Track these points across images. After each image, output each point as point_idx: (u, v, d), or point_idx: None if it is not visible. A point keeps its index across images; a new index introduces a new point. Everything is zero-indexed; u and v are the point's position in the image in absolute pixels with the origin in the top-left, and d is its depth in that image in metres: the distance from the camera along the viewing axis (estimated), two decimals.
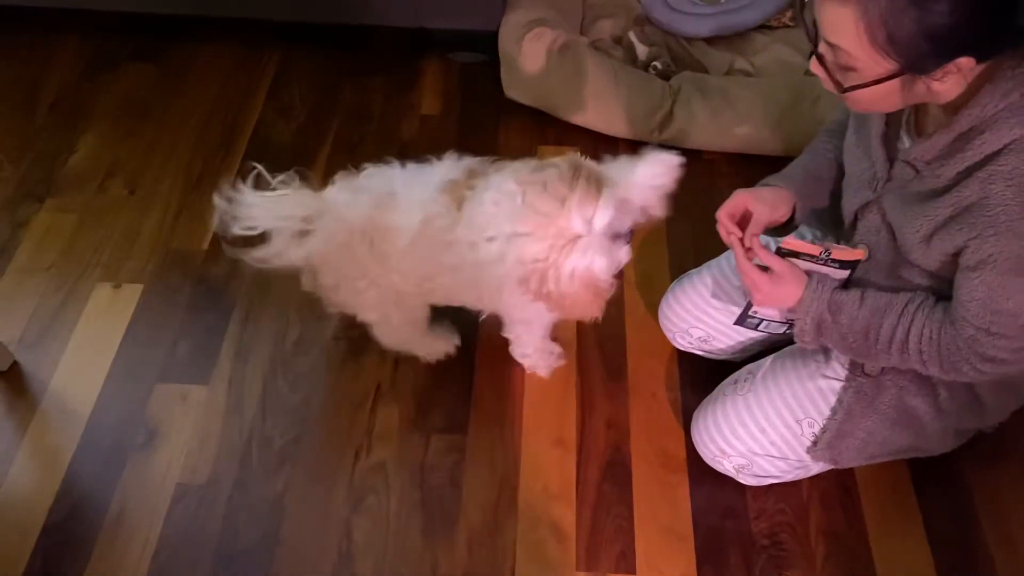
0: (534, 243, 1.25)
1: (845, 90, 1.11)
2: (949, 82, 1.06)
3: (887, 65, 1.05)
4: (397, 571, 1.50)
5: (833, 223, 1.47)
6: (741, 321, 1.50)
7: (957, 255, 1.17)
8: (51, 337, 1.80)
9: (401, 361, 1.77)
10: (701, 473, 1.59)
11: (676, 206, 1.94)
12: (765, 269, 1.34)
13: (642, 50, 2.28)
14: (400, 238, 1.42)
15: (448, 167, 1.44)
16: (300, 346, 1.80)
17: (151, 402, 1.70)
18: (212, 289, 1.89)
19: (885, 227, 1.29)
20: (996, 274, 1.12)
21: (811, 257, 1.34)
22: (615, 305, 1.86)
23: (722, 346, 1.67)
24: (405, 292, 1.53)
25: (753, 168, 1.78)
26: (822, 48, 1.09)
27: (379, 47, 2.40)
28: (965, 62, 1.02)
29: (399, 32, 2.38)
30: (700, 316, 1.65)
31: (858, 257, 1.32)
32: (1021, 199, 1.06)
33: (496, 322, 1.82)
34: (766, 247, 1.35)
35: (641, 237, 1.98)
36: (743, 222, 1.40)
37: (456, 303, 1.60)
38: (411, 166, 1.47)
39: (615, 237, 1.28)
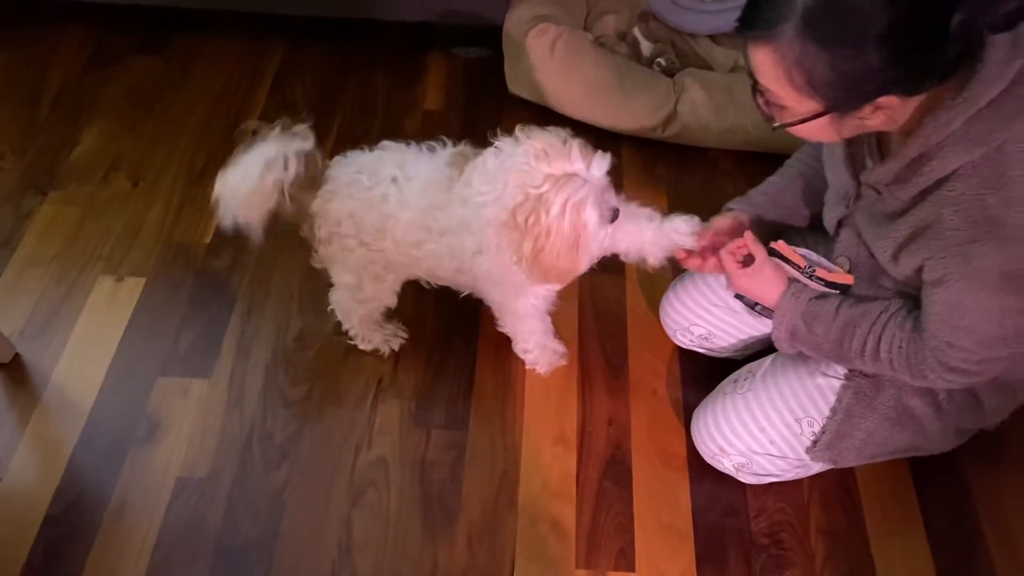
0: (531, 175, 1.28)
1: (776, 127, 1.14)
2: (881, 117, 1.09)
3: (812, 105, 1.07)
4: (397, 566, 1.50)
5: (824, 232, 1.47)
6: (740, 296, 1.51)
7: (921, 271, 1.19)
8: (53, 329, 1.80)
9: (402, 357, 1.77)
10: (701, 471, 1.59)
11: (679, 203, 1.95)
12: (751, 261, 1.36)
13: (647, 46, 2.28)
14: (404, 211, 1.46)
15: (458, 148, 1.50)
16: (301, 340, 1.80)
17: (152, 395, 1.70)
18: (214, 283, 1.89)
19: (862, 241, 1.30)
20: (951, 293, 1.15)
21: (797, 267, 1.36)
22: (616, 303, 1.86)
23: (723, 344, 1.67)
24: (391, 262, 1.55)
25: (756, 165, 1.77)
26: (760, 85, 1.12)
27: (383, 42, 2.40)
28: (889, 100, 1.05)
29: (403, 27, 2.38)
30: (701, 314, 1.64)
31: (845, 282, 1.34)
32: (968, 224, 1.08)
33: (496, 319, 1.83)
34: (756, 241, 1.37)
35: None
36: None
37: (437, 278, 1.60)
38: (424, 146, 1.51)
39: (604, 206, 1.32)
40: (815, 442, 1.44)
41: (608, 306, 1.86)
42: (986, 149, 1.06)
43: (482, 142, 2.00)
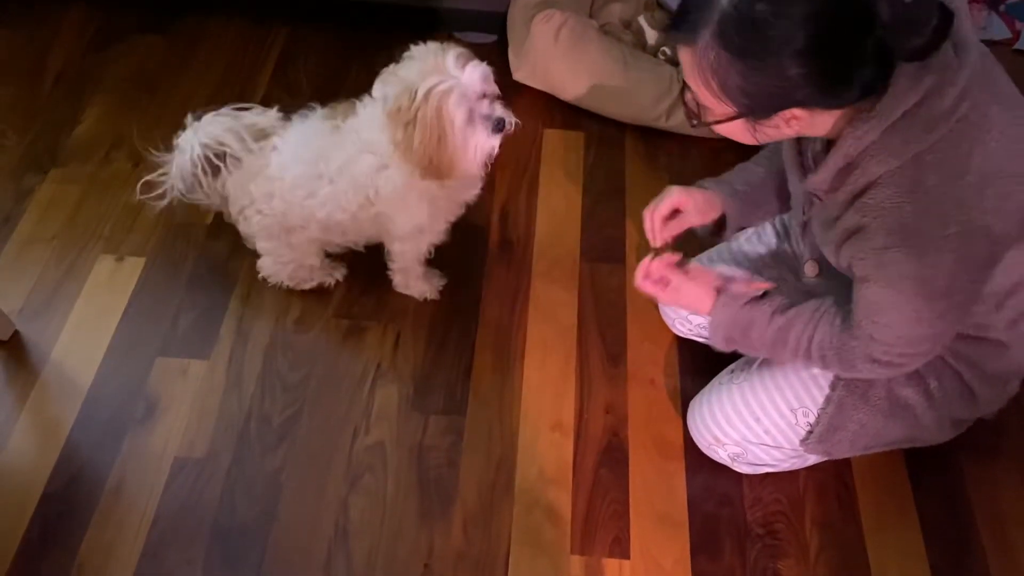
0: (409, 73, 1.44)
1: (695, 125, 1.18)
2: (795, 127, 1.12)
3: (727, 109, 1.11)
4: (392, 550, 1.51)
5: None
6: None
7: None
8: (53, 308, 1.80)
9: (401, 341, 1.77)
10: (698, 460, 1.60)
11: None
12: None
13: (652, 35, 2.27)
14: (286, 171, 1.61)
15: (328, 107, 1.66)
16: (301, 324, 1.80)
17: (151, 376, 1.71)
18: (214, 264, 1.89)
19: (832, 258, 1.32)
20: (871, 292, 1.20)
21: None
22: (616, 292, 1.86)
23: None
24: (289, 223, 1.67)
25: None
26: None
27: (387, 25, 2.39)
28: (800, 112, 1.09)
29: (408, 10, 2.37)
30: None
31: (764, 287, 1.37)
32: (885, 231, 1.13)
33: (497, 307, 1.83)
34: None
35: (641, 223, 1.97)
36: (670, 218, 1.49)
37: (339, 228, 1.68)
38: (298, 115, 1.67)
39: (485, 114, 1.46)
40: (809, 432, 1.44)
41: (608, 295, 1.86)
42: (904, 159, 1.10)
43: None
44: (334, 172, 1.59)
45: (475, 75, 1.44)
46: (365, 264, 1.88)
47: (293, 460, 1.61)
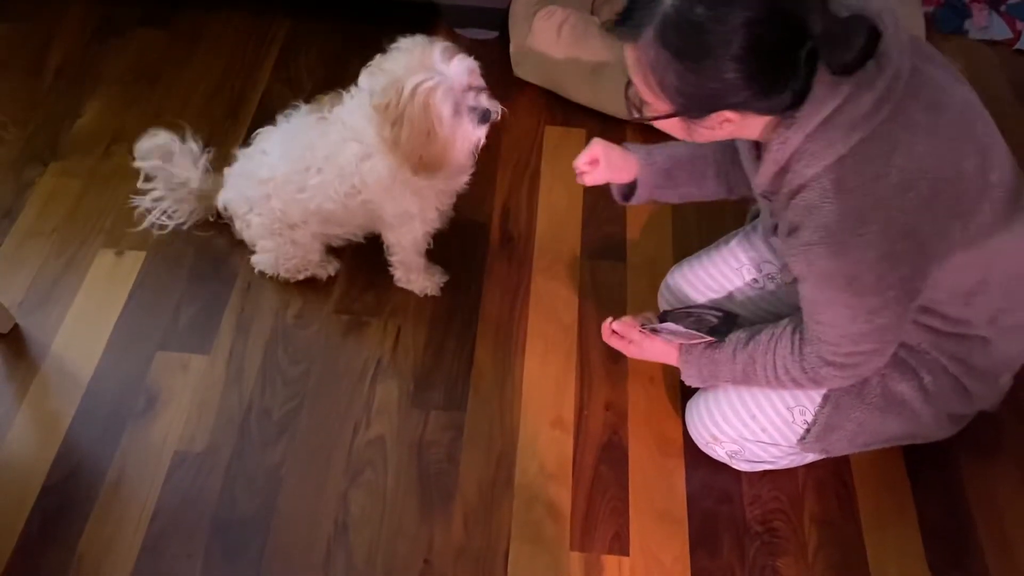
0: (395, 67, 1.46)
1: (633, 120, 1.22)
2: (728, 128, 1.16)
3: (664, 106, 1.15)
4: (392, 545, 1.51)
5: None
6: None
7: None
8: (53, 301, 1.80)
9: (401, 337, 1.77)
10: (697, 458, 1.60)
11: None
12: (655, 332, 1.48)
13: None
14: (276, 171, 1.66)
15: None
16: (301, 319, 1.80)
17: (151, 369, 1.71)
18: (214, 259, 1.89)
19: None
20: (805, 290, 1.26)
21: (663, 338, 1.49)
22: (617, 288, 1.86)
23: None
24: (288, 219, 1.70)
25: None
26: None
27: (389, 20, 2.38)
28: (732, 115, 1.13)
29: (409, 6, 2.37)
30: (698, 298, 1.65)
31: (708, 341, 1.43)
32: (811, 229, 1.17)
33: (498, 303, 1.83)
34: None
35: (645, 220, 1.98)
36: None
37: (332, 217, 1.70)
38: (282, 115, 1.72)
39: (471, 106, 1.48)
40: (807, 431, 1.45)
41: (608, 291, 1.86)
42: (827, 162, 1.13)
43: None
44: (321, 161, 1.61)
45: (461, 69, 1.46)
46: (366, 260, 1.89)
47: (293, 455, 1.61)
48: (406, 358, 1.75)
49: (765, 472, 1.59)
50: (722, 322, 1.46)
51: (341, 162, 1.59)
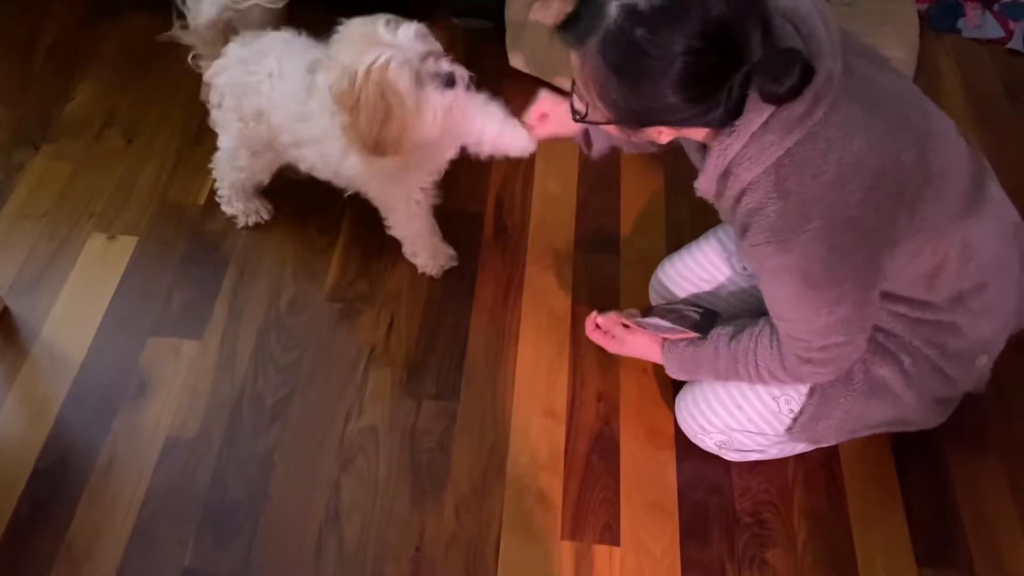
0: (344, 55, 1.41)
1: (576, 120, 1.24)
2: (667, 138, 1.21)
3: (605, 115, 1.18)
4: (383, 533, 1.51)
5: None
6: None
7: None
8: (43, 285, 1.79)
9: (394, 325, 1.77)
10: (688, 450, 1.61)
11: (677, 182, 1.95)
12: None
13: None
14: (275, 110, 1.61)
15: (314, 47, 1.60)
16: (294, 305, 1.79)
17: (143, 354, 1.70)
18: (208, 244, 1.88)
19: None
20: (764, 287, 1.30)
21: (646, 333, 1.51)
22: (610, 281, 1.87)
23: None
24: (269, 145, 1.68)
25: None
26: None
27: (383, 8, 2.37)
28: (667, 129, 1.18)
29: None
30: (689, 288, 1.66)
31: (691, 337, 1.45)
32: (756, 228, 1.20)
33: (491, 293, 1.84)
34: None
35: (638, 213, 1.99)
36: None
37: (321, 175, 1.70)
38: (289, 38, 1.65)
39: (432, 72, 1.42)
40: (794, 420, 1.46)
41: (602, 283, 1.86)
42: (767, 163, 1.16)
43: None
44: (307, 138, 1.61)
45: (410, 36, 1.40)
46: (359, 248, 1.88)
47: (285, 441, 1.61)
48: (399, 347, 1.75)
49: (755, 464, 1.60)
50: (704, 318, 1.47)
51: (323, 151, 1.60)
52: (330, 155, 1.59)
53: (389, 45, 1.38)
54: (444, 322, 1.79)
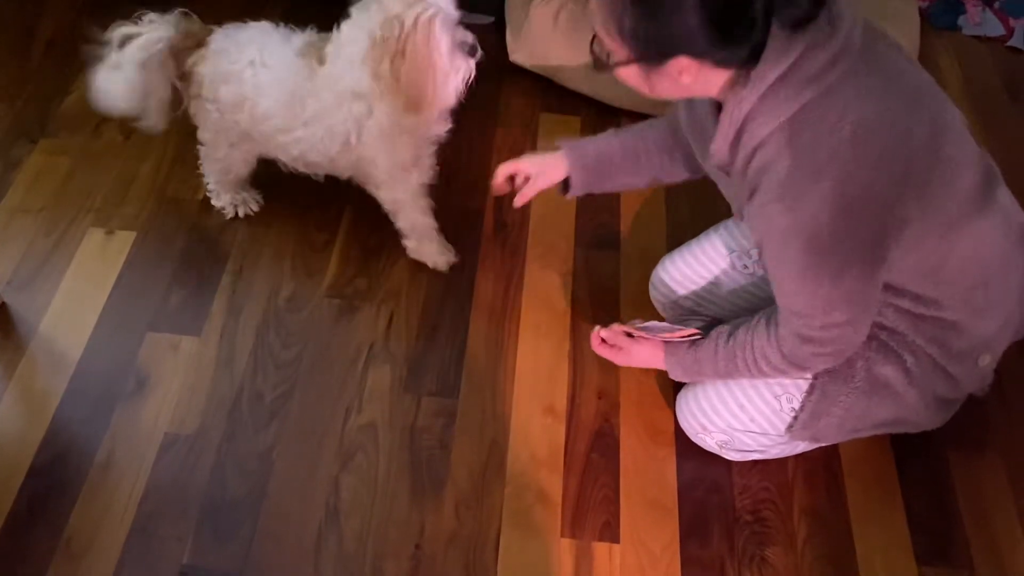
0: (387, 5, 1.43)
1: (594, 68, 1.23)
2: (687, 79, 1.17)
3: (624, 53, 1.17)
4: (383, 530, 1.51)
5: None
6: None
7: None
8: (41, 280, 1.78)
9: (394, 322, 1.77)
10: (688, 448, 1.60)
11: (675, 183, 1.93)
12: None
13: None
14: (260, 97, 1.61)
15: (306, 35, 1.63)
16: (293, 302, 1.79)
17: (142, 350, 1.69)
18: (206, 239, 1.87)
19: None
20: (767, 257, 1.27)
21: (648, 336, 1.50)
22: (611, 278, 1.86)
23: (712, 313, 1.68)
24: (247, 135, 1.69)
25: None
26: None
27: None
28: (689, 63, 1.14)
29: None
30: (689, 285, 1.66)
31: (691, 334, 1.45)
32: (767, 187, 1.19)
33: (491, 290, 1.83)
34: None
35: (638, 210, 1.98)
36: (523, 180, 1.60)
37: (309, 164, 1.71)
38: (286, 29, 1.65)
39: (461, 39, 1.48)
40: (795, 418, 1.46)
41: (602, 281, 1.86)
42: (782, 119, 1.15)
43: (482, 110, 1.99)
44: (309, 117, 1.60)
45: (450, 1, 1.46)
46: (358, 244, 1.88)
47: (285, 438, 1.60)
48: (398, 343, 1.74)
49: (755, 463, 1.60)
50: (707, 326, 1.48)
51: (333, 122, 1.58)
52: (339, 124, 1.58)
53: (434, 3, 1.43)
54: (444, 319, 1.78)
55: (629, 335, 1.51)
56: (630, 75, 1.21)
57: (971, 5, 2.45)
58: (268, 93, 1.61)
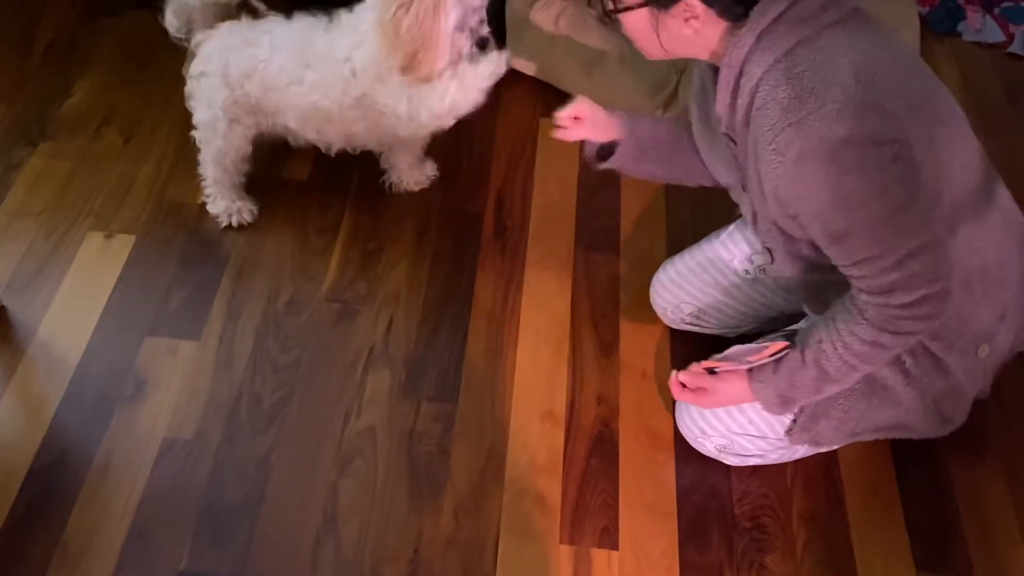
0: None
1: (605, 12, 1.25)
2: (694, 27, 1.22)
3: None
4: (381, 536, 1.50)
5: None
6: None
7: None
8: (40, 283, 1.78)
9: (393, 326, 1.77)
10: (687, 453, 1.60)
11: (677, 188, 1.94)
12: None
13: None
14: (276, 53, 1.65)
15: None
16: (292, 306, 1.79)
17: (140, 355, 1.69)
18: (206, 243, 1.87)
19: (771, 223, 1.33)
20: (804, 210, 1.22)
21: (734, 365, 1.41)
22: (610, 282, 1.86)
23: (714, 320, 1.69)
24: (256, 106, 1.71)
25: None
26: None
27: None
28: (696, 4, 1.19)
29: None
30: (691, 291, 1.67)
31: (779, 349, 1.36)
32: (770, 125, 1.18)
33: (491, 293, 1.83)
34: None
35: (639, 214, 1.98)
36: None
37: (316, 119, 1.71)
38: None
39: (473, 27, 1.55)
40: (794, 421, 1.46)
41: (602, 285, 1.86)
42: (777, 54, 1.18)
43: (482, 115, 1.98)
44: (316, 57, 1.64)
45: None
46: (357, 248, 1.88)
47: (283, 443, 1.60)
48: (397, 348, 1.74)
49: (754, 468, 1.59)
50: (786, 336, 1.42)
51: (336, 55, 1.62)
52: (339, 54, 1.62)
53: None
54: (443, 323, 1.78)
55: (711, 371, 1.43)
56: (639, 22, 1.25)
57: (971, 11, 2.45)
58: (283, 46, 1.65)
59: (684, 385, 1.45)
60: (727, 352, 1.43)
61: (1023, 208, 1.43)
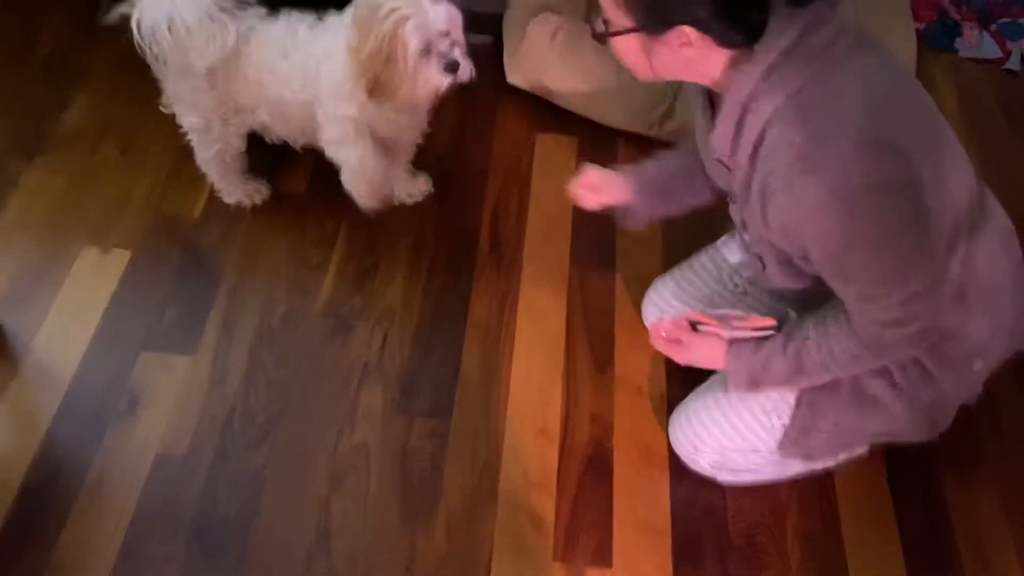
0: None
1: (595, 36, 1.23)
2: (688, 54, 1.16)
3: (626, 21, 1.17)
4: (374, 552, 1.50)
5: None
6: None
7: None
8: (35, 298, 1.78)
9: (388, 342, 1.77)
10: (681, 470, 1.60)
11: None
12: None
13: None
14: (260, 41, 1.67)
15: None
16: (287, 321, 1.79)
17: (135, 370, 1.69)
18: (201, 258, 1.87)
19: (762, 237, 1.33)
20: (817, 252, 1.21)
21: (718, 328, 1.41)
22: (606, 298, 1.86)
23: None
24: (240, 104, 1.74)
25: None
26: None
27: None
28: (691, 33, 1.13)
29: None
30: (682, 308, 1.66)
31: (767, 324, 1.38)
32: (786, 166, 1.15)
33: (486, 309, 1.83)
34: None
35: (634, 231, 1.97)
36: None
37: (282, 109, 1.74)
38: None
39: (442, 51, 1.54)
40: (785, 433, 1.45)
41: (597, 302, 1.86)
42: (788, 91, 1.13)
43: (478, 130, 1.99)
44: (293, 47, 1.66)
45: (441, 12, 1.52)
46: (353, 264, 1.88)
47: (276, 459, 1.60)
48: (392, 364, 1.74)
49: (749, 486, 1.59)
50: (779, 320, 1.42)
51: (310, 50, 1.65)
52: (311, 54, 1.64)
53: (422, 8, 1.49)
54: (438, 339, 1.78)
55: (695, 326, 1.43)
56: (629, 48, 1.20)
57: (968, 27, 2.46)
58: (269, 37, 1.67)
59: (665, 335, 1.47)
60: (717, 311, 1.44)
61: (1016, 223, 1.43)
